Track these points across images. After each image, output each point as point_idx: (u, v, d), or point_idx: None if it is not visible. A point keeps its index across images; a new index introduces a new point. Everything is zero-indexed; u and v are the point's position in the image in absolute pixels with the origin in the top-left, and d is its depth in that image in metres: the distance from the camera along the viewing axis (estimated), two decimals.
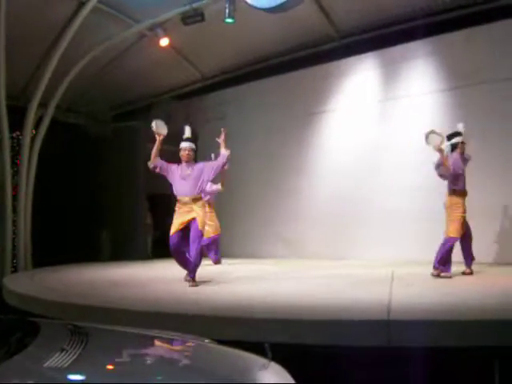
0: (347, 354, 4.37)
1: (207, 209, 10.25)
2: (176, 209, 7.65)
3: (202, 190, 7.89)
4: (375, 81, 12.44)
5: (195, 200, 7.55)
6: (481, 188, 10.01)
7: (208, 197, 10.56)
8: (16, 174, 12.84)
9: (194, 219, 7.43)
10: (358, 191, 11.93)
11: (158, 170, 7.72)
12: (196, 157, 14.98)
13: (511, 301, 5.46)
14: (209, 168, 7.79)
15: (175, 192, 7.73)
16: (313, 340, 4.55)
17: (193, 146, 7.94)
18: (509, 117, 10.07)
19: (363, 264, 10.43)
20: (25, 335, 2.64)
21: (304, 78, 12.97)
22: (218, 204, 11.60)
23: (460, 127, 8.19)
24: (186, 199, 7.52)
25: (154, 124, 7.76)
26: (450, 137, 8.12)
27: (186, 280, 7.75)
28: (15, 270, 12.57)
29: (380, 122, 12.18)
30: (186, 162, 7.74)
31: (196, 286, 7.44)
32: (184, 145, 7.82)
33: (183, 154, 7.77)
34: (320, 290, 6.89)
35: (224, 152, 7.96)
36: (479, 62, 10.50)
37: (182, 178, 7.61)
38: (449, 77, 11.15)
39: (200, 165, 7.83)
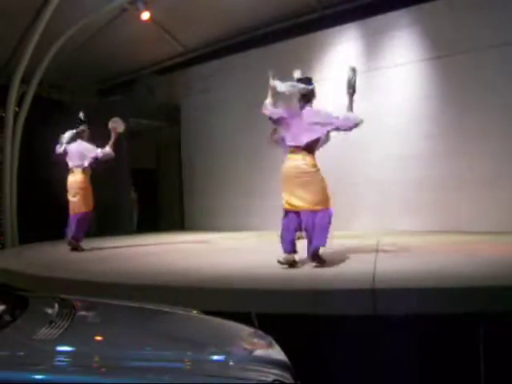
0: (333, 322, 4.44)
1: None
2: None
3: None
4: (359, 51, 12.33)
5: None
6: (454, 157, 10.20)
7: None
8: (0, 151, 12.76)
9: None
10: (345, 162, 11.85)
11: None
12: (179, 131, 14.87)
13: (493, 268, 5.55)
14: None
15: None
16: (299, 309, 4.60)
17: None
18: (490, 85, 10.10)
19: (350, 235, 10.44)
20: (14, 309, 2.68)
21: (287, 50, 12.82)
22: (200, 177, 11.46)
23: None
24: None
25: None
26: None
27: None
28: (3, 246, 12.58)
29: (364, 93, 12.09)
30: None
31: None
32: None
33: None
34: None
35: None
36: (462, 30, 10.47)
37: None
38: (433, 46, 11.07)
39: None
